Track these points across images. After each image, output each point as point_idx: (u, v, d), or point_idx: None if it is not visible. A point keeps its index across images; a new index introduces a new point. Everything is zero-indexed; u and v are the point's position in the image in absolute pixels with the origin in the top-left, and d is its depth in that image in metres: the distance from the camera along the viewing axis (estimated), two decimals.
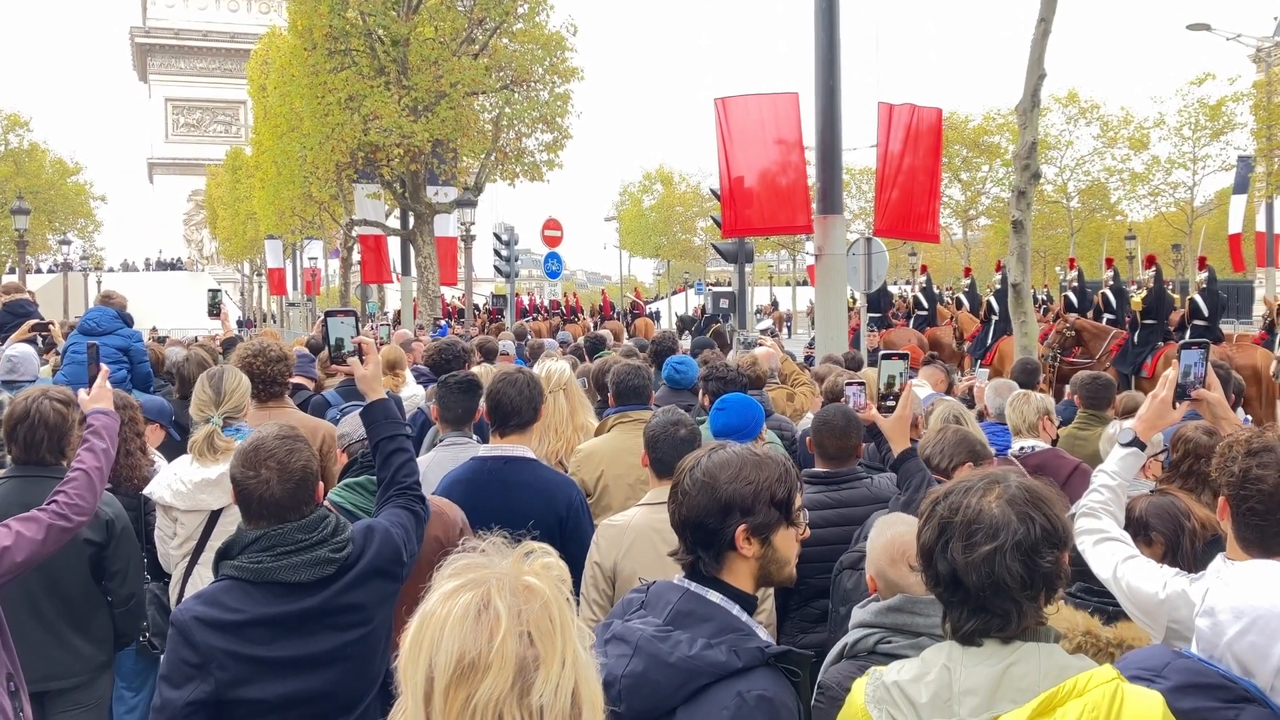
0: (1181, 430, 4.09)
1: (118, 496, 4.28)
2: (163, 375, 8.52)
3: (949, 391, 7.58)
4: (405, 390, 7.21)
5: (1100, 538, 2.90)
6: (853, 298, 20.28)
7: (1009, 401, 5.78)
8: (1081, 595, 3.00)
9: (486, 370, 6.24)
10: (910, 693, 2.01)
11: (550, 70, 26.29)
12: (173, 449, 5.25)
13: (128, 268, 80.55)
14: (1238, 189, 34.39)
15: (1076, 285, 19.79)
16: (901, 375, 4.07)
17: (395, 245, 31.92)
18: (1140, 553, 2.92)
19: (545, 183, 27.43)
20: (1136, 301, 15.71)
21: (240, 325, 42.39)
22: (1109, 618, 2.69)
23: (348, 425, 4.05)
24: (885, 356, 4.16)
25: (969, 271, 27.73)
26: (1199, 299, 15.53)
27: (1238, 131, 41.25)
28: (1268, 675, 1.97)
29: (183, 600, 3.33)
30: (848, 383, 4.67)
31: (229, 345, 8.25)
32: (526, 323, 24.49)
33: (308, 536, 2.78)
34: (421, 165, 25.35)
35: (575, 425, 5.21)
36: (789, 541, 2.28)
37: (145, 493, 4.41)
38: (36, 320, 8.34)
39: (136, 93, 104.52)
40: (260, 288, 60.76)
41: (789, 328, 50.96)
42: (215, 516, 4.19)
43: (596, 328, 24.24)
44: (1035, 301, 23.71)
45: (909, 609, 2.74)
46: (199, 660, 2.65)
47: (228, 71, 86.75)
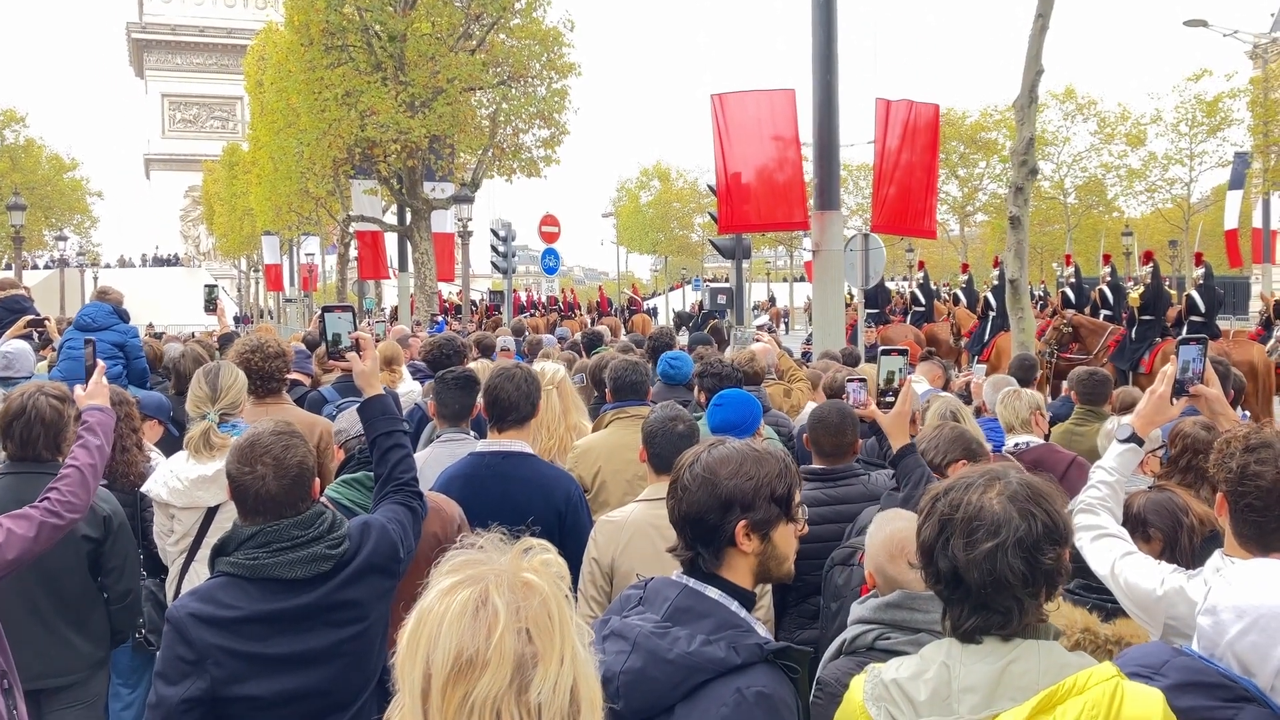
0: (1180, 426, 4.08)
1: (114, 493, 4.27)
2: (159, 371, 8.51)
3: (946, 387, 7.58)
4: (402, 386, 7.21)
5: (1098, 534, 2.90)
6: (850, 294, 20.27)
7: (999, 399, 5.77)
8: (1079, 592, 3.00)
9: (483, 366, 6.22)
10: (909, 690, 2.00)
11: (547, 66, 26.26)
12: (171, 445, 5.24)
13: (124, 264, 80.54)
14: (1234, 185, 34.44)
15: (1074, 281, 19.81)
16: (901, 371, 4.06)
17: (392, 241, 31.90)
18: (1138, 549, 2.91)
19: (542, 179, 27.46)
20: (1134, 297, 15.72)
21: (237, 321, 42.38)
22: (1107, 614, 2.69)
23: (345, 421, 4.04)
24: (885, 352, 4.16)
25: (966, 267, 27.70)
26: (1196, 295, 15.56)
27: (1234, 128, 41.35)
28: (1268, 675, 1.96)
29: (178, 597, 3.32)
30: (848, 379, 4.67)
31: (225, 341, 8.25)
32: (524, 319, 24.48)
33: (304, 533, 2.77)
34: (419, 161, 25.31)
35: (568, 425, 5.19)
36: (788, 538, 2.28)
37: (143, 490, 4.41)
38: (32, 316, 8.32)
39: (133, 88, 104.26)
40: (257, 284, 60.69)
41: (786, 324, 50.95)
42: (212, 513, 4.18)
43: (594, 324, 24.25)
44: (1033, 298, 23.77)
45: (908, 605, 2.73)
46: (194, 657, 2.64)
47: (224, 67, 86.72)
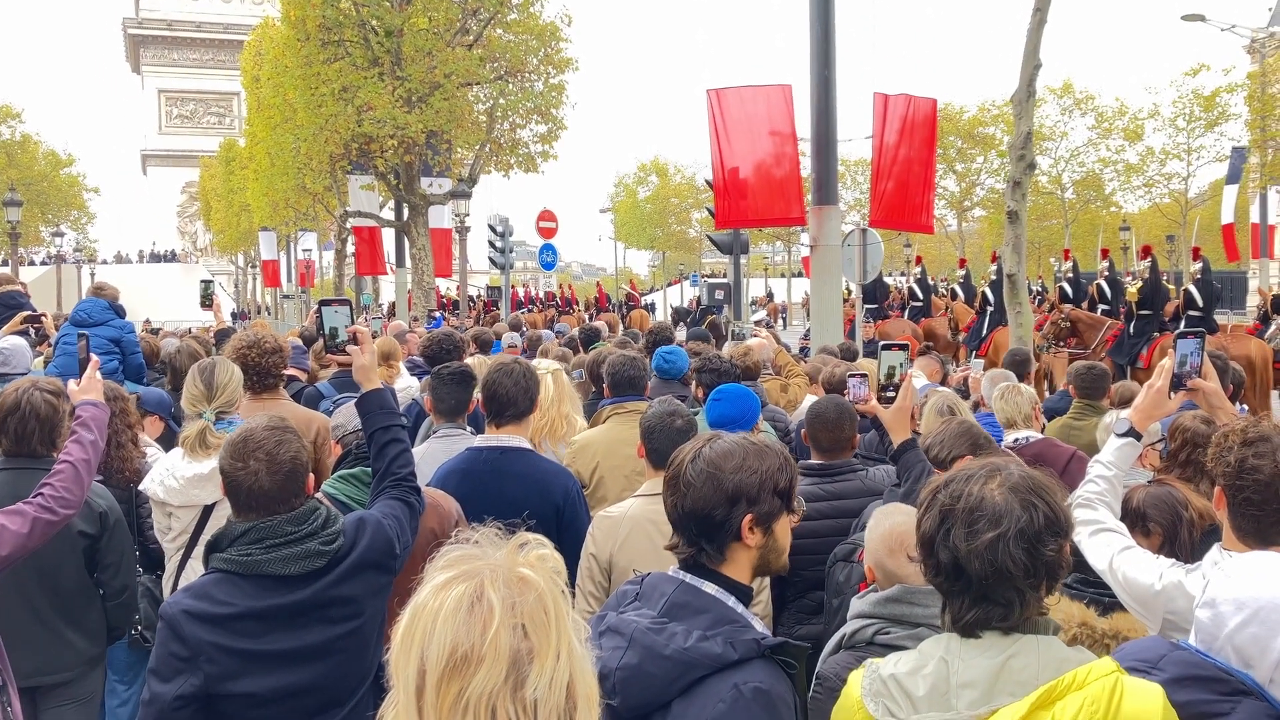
0: (1179, 420, 4.08)
1: (109, 488, 4.25)
2: (156, 367, 8.49)
3: (944, 382, 7.57)
4: (400, 382, 7.20)
5: (1096, 529, 2.90)
6: (848, 289, 20.26)
7: (997, 394, 5.76)
8: (1077, 586, 3.00)
9: (481, 362, 6.21)
10: (907, 686, 1.99)
11: (545, 61, 26.20)
12: (172, 440, 5.21)
13: (121, 260, 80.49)
14: (1230, 179, 34.42)
15: (1071, 276, 19.82)
16: (902, 366, 4.06)
17: (390, 237, 31.86)
18: (1138, 543, 2.91)
19: (540, 174, 27.38)
20: (1132, 292, 15.71)
21: (234, 317, 42.33)
22: (1105, 609, 2.68)
23: (342, 416, 4.03)
24: (885, 347, 4.15)
25: (964, 262, 27.71)
26: (1194, 289, 15.54)
27: (1232, 123, 41.27)
28: (1268, 668, 1.95)
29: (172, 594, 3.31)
30: (849, 374, 4.66)
31: (222, 337, 8.24)
32: (522, 314, 24.47)
33: (297, 529, 2.75)
34: (416, 157, 25.26)
35: (560, 411, 5.20)
36: (786, 530, 2.29)
37: (140, 488, 4.39)
38: (29, 312, 8.29)
39: (129, 84, 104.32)
40: (254, 280, 60.62)
41: (784, 319, 50.95)
42: (209, 511, 4.17)
43: (591, 319, 24.24)
44: (1030, 292, 23.74)
45: (907, 600, 2.73)
46: (188, 654, 2.63)
47: (221, 63, 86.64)
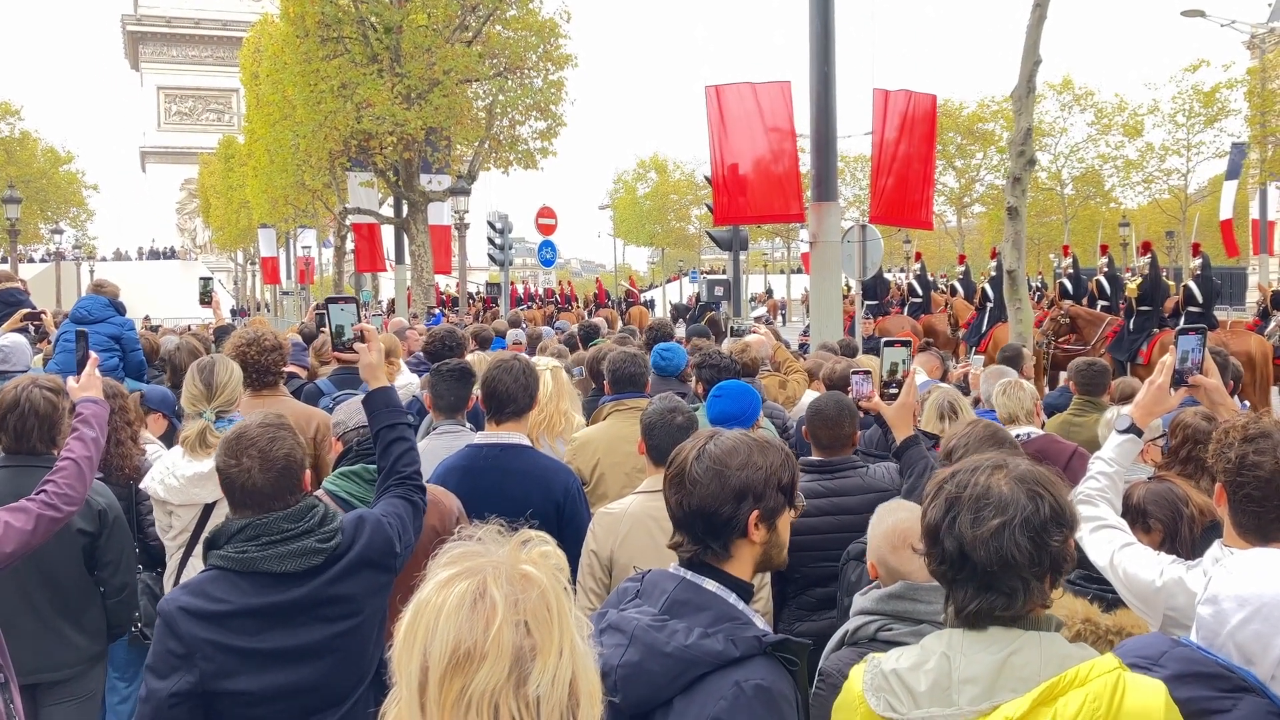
0: (1180, 416, 4.08)
1: (109, 486, 4.25)
2: (155, 364, 8.49)
3: (944, 379, 7.57)
4: (400, 378, 7.19)
5: (1097, 525, 2.90)
6: (847, 285, 20.26)
7: (999, 389, 5.73)
8: (1081, 583, 3.00)
9: (481, 358, 6.21)
10: (909, 681, 1.98)
11: (544, 57, 26.15)
12: (175, 438, 5.21)
13: (121, 257, 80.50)
14: (1230, 175, 34.37)
15: (1071, 272, 19.81)
16: (904, 363, 4.05)
17: (389, 234, 31.82)
18: (1139, 540, 2.91)
19: (539, 171, 27.34)
20: (1132, 288, 15.72)
21: (234, 314, 42.33)
22: (1108, 605, 2.68)
23: (342, 413, 4.03)
24: (888, 344, 4.14)
25: (963, 259, 27.75)
26: (1193, 285, 15.54)
27: (1232, 118, 41.28)
28: (1269, 665, 1.95)
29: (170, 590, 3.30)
30: (853, 371, 4.66)
31: (221, 334, 8.23)
32: (521, 311, 24.45)
33: (294, 526, 2.74)
34: (415, 153, 25.22)
35: (559, 408, 5.19)
36: (787, 525, 2.30)
37: (141, 486, 4.39)
38: (28, 310, 8.29)
39: (128, 81, 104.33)
40: (254, 276, 60.61)
41: (784, 315, 50.95)
42: (209, 509, 4.17)
43: (590, 316, 24.21)
44: (1030, 289, 23.74)
45: (910, 596, 2.73)
46: (184, 651, 2.62)
47: (220, 59, 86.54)
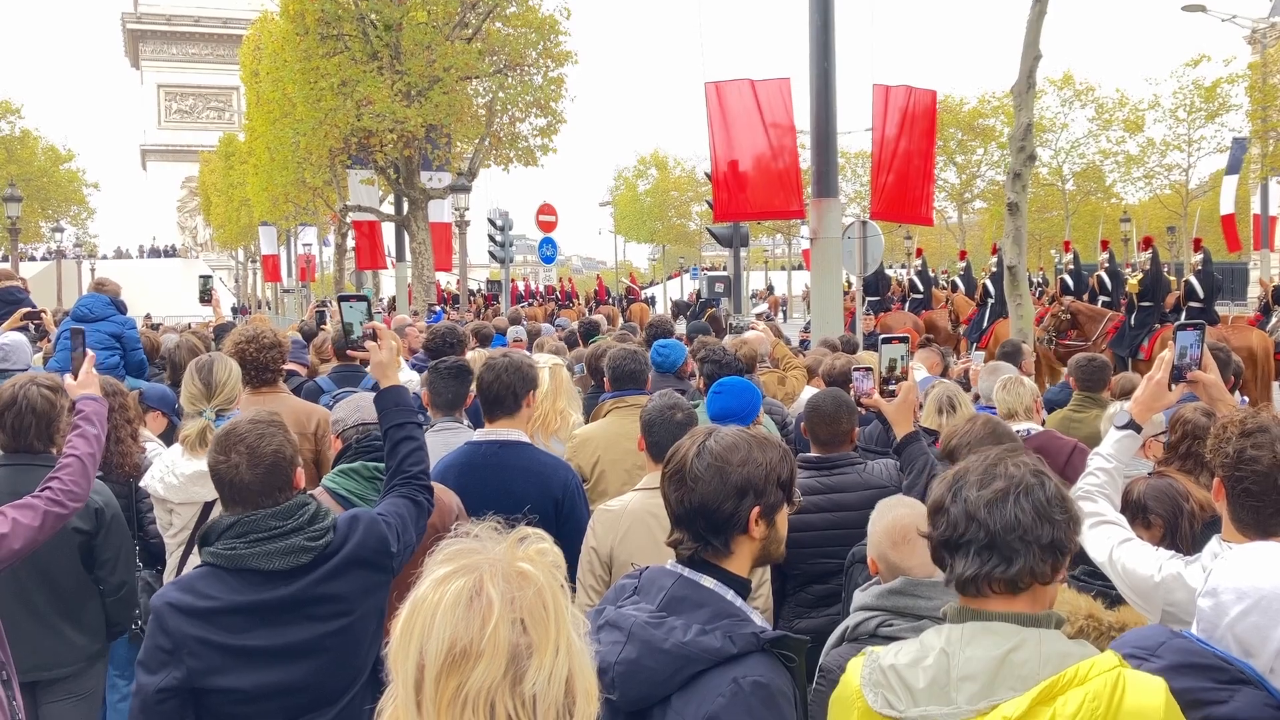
0: (1180, 412, 4.08)
1: (108, 484, 4.25)
2: (156, 362, 8.49)
3: (944, 375, 7.56)
4: (400, 376, 7.19)
5: (1096, 521, 2.89)
6: (848, 281, 20.24)
7: (1000, 385, 5.71)
8: (1084, 579, 2.99)
9: (481, 355, 6.21)
10: (907, 677, 1.97)
11: (544, 54, 26.14)
12: (175, 436, 5.22)
13: (121, 255, 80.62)
14: (1230, 170, 34.30)
15: (1072, 268, 19.79)
16: (903, 359, 4.05)
17: (390, 231, 31.82)
18: (1138, 536, 2.91)
19: (539, 168, 27.35)
20: (1133, 284, 15.70)
21: (235, 312, 42.31)
22: (1111, 601, 2.68)
23: (341, 411, 4.04)
24: (886, 341, 4.14)
25: (964, 254, 27.64)
26: (1194, 281, 15.54)
27: (1233, 113, 41.23)
28: (1268, 657, 1.95)
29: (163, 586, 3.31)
30: (854, 367, 4.66)
31: (221, 332, 8.23)
32: (522, 308, 24.45)
33: (281, 524, 2.72)
34: (415, 150, 25.20)
35: (555, 406, 5.19)
36: (785, 520, 2.31)
37: (140, 485, 4.39)
38: (28, 309, 8.28)
39: (129, 79, 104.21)
40: (255, 274, 60.60)
41: (784, 312, 50.94)
42: (209, 508, 4.17)
43: (591, 313, 24.22)
44: (1031, 284, 23.72)
45: (910, 592, 2.72)
46: (171, 646, 2.61)
47: (220, 57, 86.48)
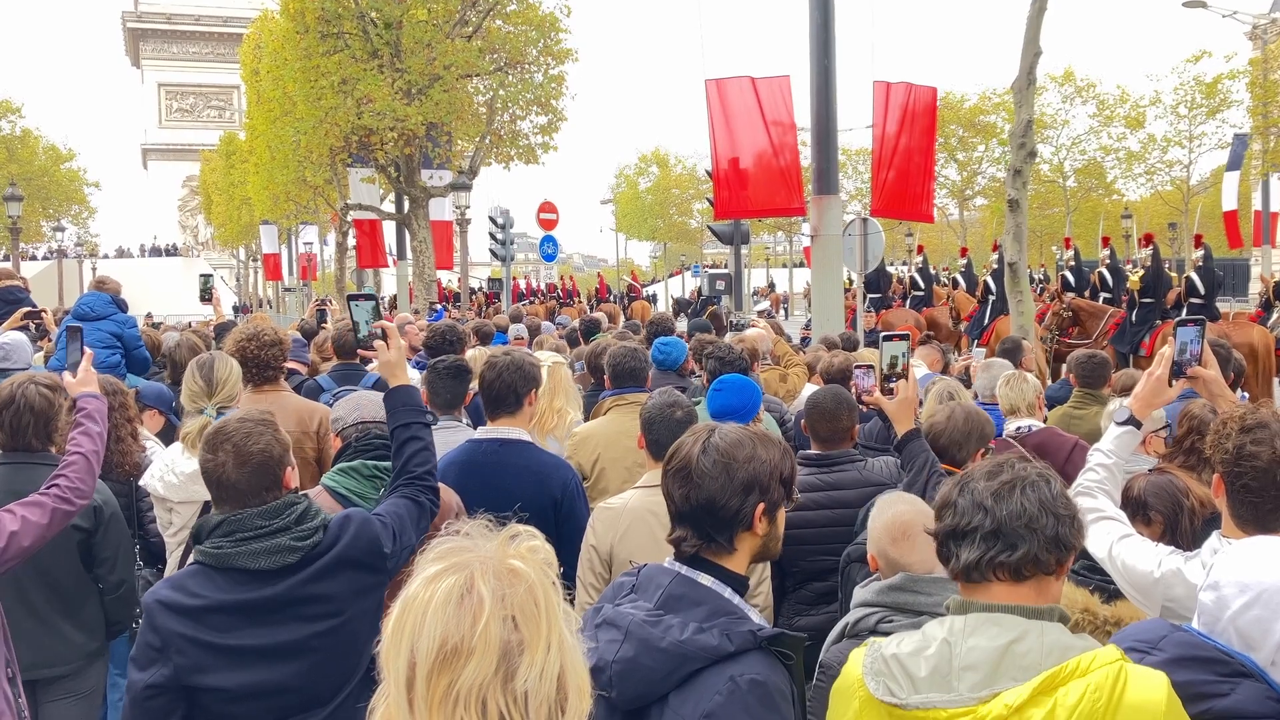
0: (1188, 407, 4.09)
1: (108, 482, 4.24)
2: (157, 361, 8.49)
3: (945, 372, 7.56)
4: None
5: (1096, 517, 2.89)
6: (849, 278, 20.23)
7: (1003, 381, 5.70)
8: (1083, 573, 2.99)
9: (481, 354, 6.21)
10: (909, 666, 1.99)
11: (544, 52, 26.13)
12: (172, 435, 5.21)
13: (122, 254, 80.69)
14: (1231, 166, 34.23)
15: (1073, 265, 19.76)
16: (903, 356, 4.04)
17: (391, 229, 31.82)
18: (1139, 532, 2.91)
19: (540, 166, 27.34)
20: (1134, 280, 15.69)
21: (236, 311, 42.35)
22: (1109, 596, 2.68)
23: (341, 409, 4.03)
24: (886, 338, 4.13)
25: (965, 251, 27.63)
26: (1195, 277, 15.54)
27: (1234, 109, 41.17)
28: (1269, 650, 1.95)
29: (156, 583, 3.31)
30: (856, 365, 4.65)
31: (222, 330, 8.23)
32: (523, 306, 24.43)
33: (268, 523, 2.70)
34: (415, 149, 25.21)
35: (552, 405, 5.19)
36: (783, 516, 2.31)
37: (141, 483, 4.39)
38: (29, 308, 8.28)
39: (129, 78, 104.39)
40: (256, 273, 60.63)
41: (786, 309, 50.95)
42: (209, 507, 4.16)
43: (592, 311, 24.22)
44: (1032, 281, 23.73)
45: (910, 588, 2.72)
46: (160, 643, 2.62)
47: (220, 56, 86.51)
